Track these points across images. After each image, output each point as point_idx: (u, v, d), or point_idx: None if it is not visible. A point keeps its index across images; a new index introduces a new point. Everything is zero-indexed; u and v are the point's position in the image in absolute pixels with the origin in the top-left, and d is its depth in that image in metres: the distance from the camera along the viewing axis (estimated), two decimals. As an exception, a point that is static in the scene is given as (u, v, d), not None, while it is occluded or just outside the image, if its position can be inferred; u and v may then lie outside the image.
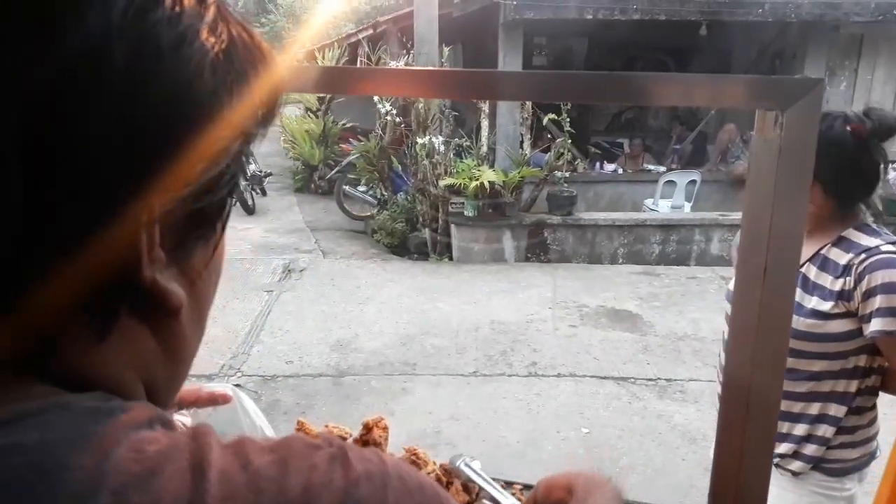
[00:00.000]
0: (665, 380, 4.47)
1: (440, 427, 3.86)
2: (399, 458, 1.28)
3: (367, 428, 1.26)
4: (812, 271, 1.65)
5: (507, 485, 1.27)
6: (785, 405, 1.68)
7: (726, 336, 1.86)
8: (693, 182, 7.66)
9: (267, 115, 0.45)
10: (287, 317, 5.39)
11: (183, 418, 0.93)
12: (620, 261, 6.97)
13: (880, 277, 1.54)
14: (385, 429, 1.27)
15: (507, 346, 4.86)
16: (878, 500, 1.63)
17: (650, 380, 4.47)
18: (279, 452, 0.37)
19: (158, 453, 0.35)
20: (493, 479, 1.27)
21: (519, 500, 1.24)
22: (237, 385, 4.03)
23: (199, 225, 0.43)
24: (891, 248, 1.57)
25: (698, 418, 4.00)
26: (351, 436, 1.29)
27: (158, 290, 0.40)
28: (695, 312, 5.56)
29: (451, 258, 6.94)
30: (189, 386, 0.96)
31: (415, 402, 4.13)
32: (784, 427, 1.70)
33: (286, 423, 3.89)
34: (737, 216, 7.02)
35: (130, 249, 0.38)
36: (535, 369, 4.56)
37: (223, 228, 0.46)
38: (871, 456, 1.74)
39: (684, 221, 7.07)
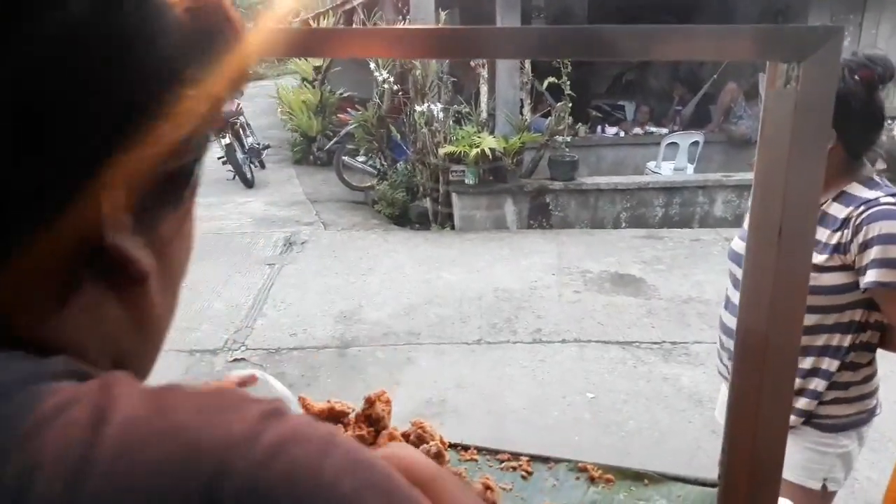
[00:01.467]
0: (670, 343, 4.47)
1: (445, 396, 3.86)
2: (405, 430, 1.27)
3: (370, 402, 1.23)
4: None
5: (514, 456, 1.26)
6: None
7: (730, 296, 1.84)
8: (696, 143, 7.57)
9: (236, 79, 0.43)
10: (290, 289, 5.37)
11: None
12: (623, 225, 6.92)
13: (878, 228, 1.50)
14: (388, 402, 1.25)
15: (511, 314, 4.85)
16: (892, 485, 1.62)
17: (655, 343, 4.47)
18: (208, 401, 0.34)
19: (54, 405, 0.32)
20: (500, 450, 1.26)
21: (525, 471, 1.22)
22: (259, 366, 4.04)
23: (167, 191, 0.41)
24: (890, 199, 1.53)
25: (704, 381, 4.00)
26: (353, 410, 1.27)
27: (122, 256, 0.38)
28: (699, 275, 5.53)
29: (452, 227, 6.90)
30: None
31: (420, 372, 4.14)
32: None
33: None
34: (741, 177, 6.97)
35: (92, 213, 0.36)
36: (539, 336, 4.55)
37: (192, 195, 0.45)
38: (871, 413, 1.72)
39: (687, 183, 7.01)
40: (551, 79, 6.35)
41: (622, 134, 8.37)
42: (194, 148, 0.41)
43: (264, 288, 5.40)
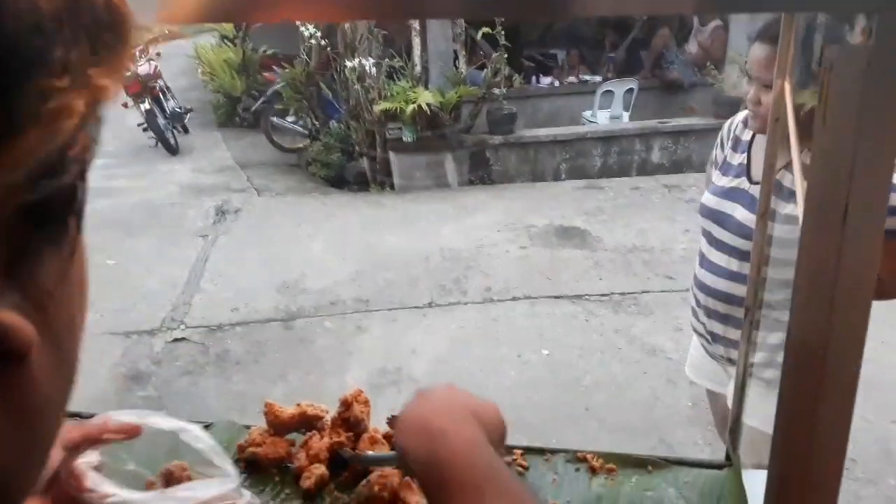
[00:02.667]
0: (619, 294, 4.48)
1: (400, 364, 3.77)
2: (386, 432, 1.16)
3: (346, 404, 1.11)
4: (787, 178, 1.54)
5: (507, 450, 1.16)
6: (761, 313, 1.64)
7: (705, 252, 1.78)
8: (630, 91, 7.56)
9: (115, 64, 0.29)
10: (226, 262, 5.13)
11: (90, 458, 0.78)
12: (563, 177, 6.90)
13: None
14: (366, 403, 1.13)
15: (460, 274, 4.77)
16: None
17: (604, 295, 4.47)
18: None
19: None
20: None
21: (521, 466, 1.13)
22: (161, 412, 3.81)
23: (42, 224, 0.29)
24: None
25: (655, 330, 4.03)
26: (328, 413, 1.15)
27: None
28: (641, 223, 5.57)
29: (392, 187, 6.72)
30: (97, 417, 0.80)
31: (372, 341, 4.02)
32: (759, 336, 1.65)
33: (239, 374, 3.74)
34: (676, 122, 7.02)
35: None
36: (490, 294, 4.50)
37: (79, 225, 0.32)
38: None
39: (625, 132, 7.01)
40: (485, 29, 6.17)
41: (557, 83, 8.28)
42: (76, 159, 0.29)
43: (199, 261, 5.14)
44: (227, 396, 3.52)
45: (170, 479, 0.90)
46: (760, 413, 1.61)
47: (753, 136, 1.69)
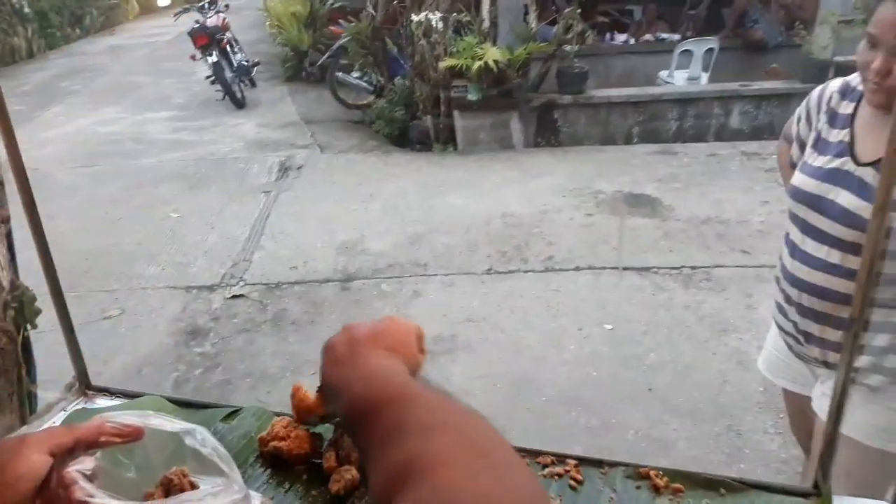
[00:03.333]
0: (690, 268, 4.25)
1: (456, 331, 3.67)
2: None
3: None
4: None
5: (559, 459, 1.04)
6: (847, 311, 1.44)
7: (797, 242, 1.58)
8: (710, 51, 7.10)
9: None
10: (287, 219, 5.12)
11: (83, 465, 0.69)
12: (635, 140, 6.58)
13: None
14: None
15: (521, 241, 4.61)
16: None
17: (674, 268, 4.25)
18: None
19: None
20: (541, 451, 1.04)
21: (575, 479, 1.00)
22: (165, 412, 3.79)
23: None
24: None
25: (727, 308, 3.80)
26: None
27: None
28: (717, 193, 5.26)
29: (455, 148, 6.56)
30: (94, 419, 0.71)
31: (428, 306, 3.94)
32: (863, 338, 1.46)
33: (295, 334, 3.72)
34: (759, 86, 6.57)
35: None
36: (551, 263, 4.33)
37: None
38: None
39: (703, 94, 6.62)
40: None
41: (632, 41, 7.87)
42: None
43: (261, 218, 5.14)
44: (283, 356, 3.51)
45: (169, 488, 0.81)
46: (861, 422, 1.43)
47: (856, 110, 1.46)
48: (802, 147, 1.61)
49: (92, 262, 4.45)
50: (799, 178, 1.54)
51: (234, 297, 4.09)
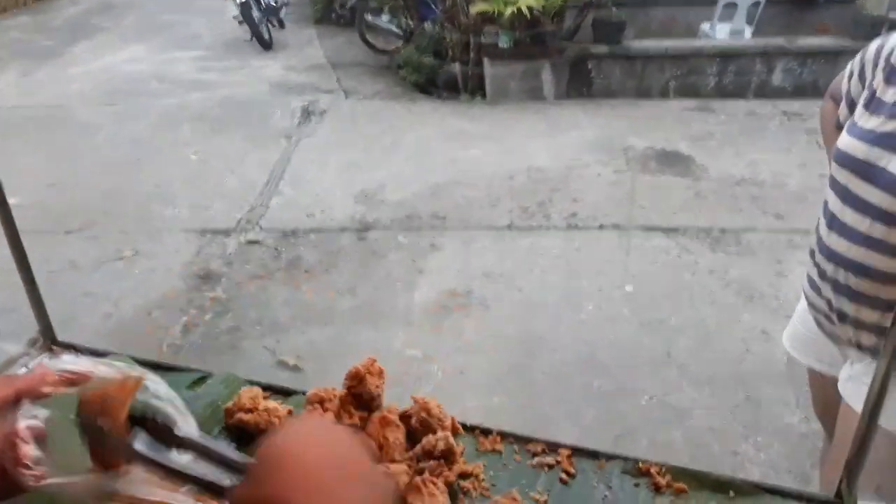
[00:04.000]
0: (719, 230, 4.08)
1: (471, 286, 3.59)
2: (405, 410, 0.95)
3: (358, 378, 0.91)
4: None
5: (551, 448, 0.94)
6: (886, 291, 1.30)
7: (836, 213, 1.44)
8: (756, 3, 6.73)
9: None
10: (308, 165, 5.02)
11: (32, 420, 0.61)
12: (671, 95, 6.31)
13: None
14: (380, 374, 0.92)
15: (545, 196, 4.46)
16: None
17: (702, 230, 4.09)
18: None
19: None
20: (532, 438, 0.94)
21: (566, 471, 0.91)
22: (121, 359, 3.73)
23: None
24: None
25: (755, 274, 3.65)
26: (336, 396, 0.95)
27: None
28: (754, 153, 5.03)
29: (483, 96, 6.35)
30: (36, 368, 0.64)
31: (444, 260, 3.84)
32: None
33: (309, 283, 3.67)
34: (805, 42, 6.23)
35: None
36: (575, 221, 4.19)
37: None
38: None
39: (746, 49, 6.29)
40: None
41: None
42: None
43: (281, 162, 5.05)
44: (294, 305, 3.46)
45: None
46: (892, 413, 1.31)
47: None
48: (852, 107, 1.44)
49: (110, 202, 4.42)
50: (846, 141, 1.37)
51: (250, 242, 4.03)
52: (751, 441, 2.64)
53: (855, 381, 1.44)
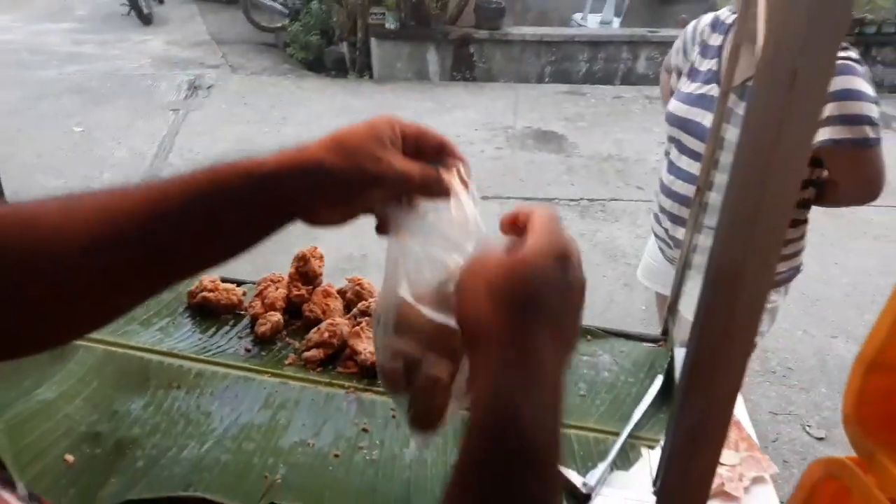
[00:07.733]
0: (588, 200, 4.53)
1: (367, 251, 3.81)
2: (340, 287, 1.20)
3: (303, 259, 1.15)
4: None
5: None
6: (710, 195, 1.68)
7: (673, 159, 1.80)
8: (624, -3, 7.35)
9: None
10: (197, 137, 5.04)
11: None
12: (547, 80, 6.78)
13: (833, 84, 1.44)
14: (321, 258, 1.18)
15: (433, 169, 4.75)
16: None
17: (573, 200, 4.52)
18: None
19: None
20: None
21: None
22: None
23: None
24: (845, 53, 1.47)
25: (619, 236, 4.11)
26: (282, 279, 1.18)
27: None
28: (619, 133, 5.55)
29: (371, 76, 6.56)
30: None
31: (342, 234, 4.00)
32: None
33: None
34: (667, 33, 6.87)
35: None
36: (460, 191, 4.50)
37: None
38: (797, 270, 1.77)
39: (613, 38, 6.86)
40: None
41: (550, -19, 8.00)
42: None
43: (169, 135, 5.03)
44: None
45: None
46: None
47: (724, 42, 1.67)
48: (680, 77, 1.82)
49: (-13, 172, 4.27)
50: (673, 104, 1.74)
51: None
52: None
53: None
